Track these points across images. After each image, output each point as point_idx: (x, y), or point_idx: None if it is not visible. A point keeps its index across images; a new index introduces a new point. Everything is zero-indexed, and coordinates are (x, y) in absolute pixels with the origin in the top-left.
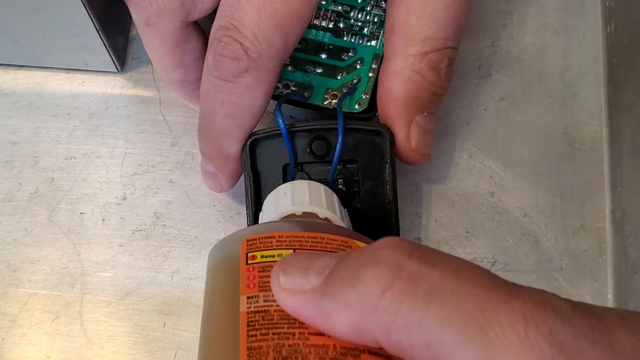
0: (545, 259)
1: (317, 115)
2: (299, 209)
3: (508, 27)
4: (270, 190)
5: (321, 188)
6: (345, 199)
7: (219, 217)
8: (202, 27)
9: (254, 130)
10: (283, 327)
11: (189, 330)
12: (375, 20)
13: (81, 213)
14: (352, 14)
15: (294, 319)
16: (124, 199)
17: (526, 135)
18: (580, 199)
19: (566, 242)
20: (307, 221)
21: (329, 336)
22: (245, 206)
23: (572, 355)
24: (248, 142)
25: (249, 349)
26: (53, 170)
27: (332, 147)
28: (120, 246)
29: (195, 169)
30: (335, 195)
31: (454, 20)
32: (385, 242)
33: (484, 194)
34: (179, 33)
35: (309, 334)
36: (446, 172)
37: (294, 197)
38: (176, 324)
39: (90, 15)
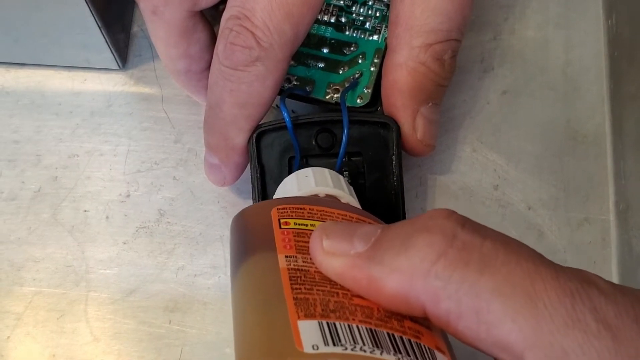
0: (550, 251)
1: (319, 110)
2: (322, 190)
3: (510, 21)
4: (276, 183)
5: (340, 176)
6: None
7: (223, 213)
8: (208, 18)
9: (260, 123)
10: (326, 286)
11: (195, 327)
12: (377, 14)
13: (85, 211)
14: (353, 8)
15: (335, 283)
16: (128, 196)
17: (529, 128)
18: (583, 191)
19: (570, 234)
20: (334, 200)
21: (370, 301)
22: (249, 201)
23: (616, 331)
24: (254, 135)
25: (295, 299)
26: (56, 168)
27: (338, 140)
28: (124, 243)
29: (199, 166)
30: (351, 186)
31: (457, 12)
32: (436, 212)
33: (488, 188)
34: (186, 23)
35: (352, 295)
36: (449, 166)
37: (316, 180)
38: (182, 320)
39: (92, 12)
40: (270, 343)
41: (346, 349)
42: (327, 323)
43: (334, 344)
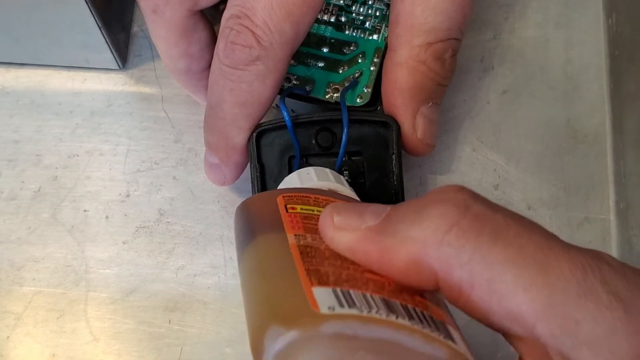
0: None
1: (319, 109)
2: (325, 185)
3: (510, 21)
4: (276, 183)
5: (340, 176)
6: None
7: (223, 213)
8: (208, 18)
9: (259, 122)
10: (337, 262)
11: (195, 326)
12: (377, 14)
13: (85, 211)
14: (353, 7)
15: (346, 258)
16: (128, 196)
17: (529, 128)
18: (584, 191)
19: (571, 234)
20: (337, 193)
21: (382, 276)
22: None
23: (627, 303)
24: (254, 134)
25: (307, 270)
26: (56, 168)
27: (338, 139)
28: (124, 243)
29: (199, 166)
30: (351, 187)
31: (458, 11)
32: (447, 187)
33: (488, 187)
34: (186, 22)
35: (363, 270)
36: (449, 166)
37: (318, 176)
38: (182, 320)
39: (92, 12)
40: (285, 305)
41: (362, 311)
42: (341, 290)
43: (350, 307)
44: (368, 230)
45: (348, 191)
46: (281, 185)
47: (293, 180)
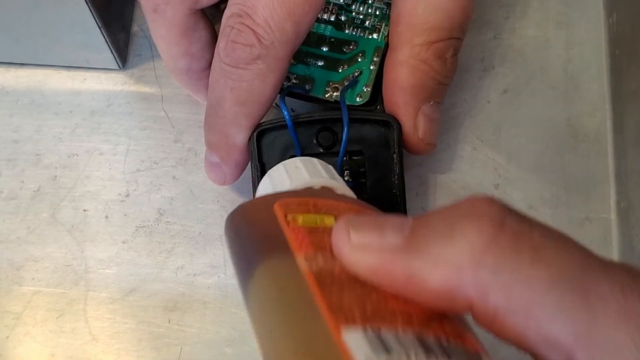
0: None
1: (318, 108)
2: (318, 182)
3: (510, 20)
4: None
5: (329, 166)
6: (352, 191)
7: (223, 212)
8: (209, 17)
9: (260, 122)
10: (356, 287)
11: (194, 326)
12: (377, 13)
13: (84, 210)
14: (353, 6)
15: (364, 283)
16: (127, 195)
17: (530, 127)
18: (585, 190)
19: (571, 233)
20: (331, 193)
21: (406, 302)
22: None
23: None
24: (255, 133)
25: (330, 307)
26: (56, 167)
27: (339, 138)
28: (124, 243)
29: (198, 165)
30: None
31: (459, 11)
32: (476, 198)
33: (489, 187)
34: (187, 21)
35: (386, 296)
36: (450, 165)
37: (308, 171)
38: (181, 319)
39: (92, 12)
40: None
41: (401, 358)
42: (372, 328)
43: (387, 355)
44: (393, 249)
45: (342, 187)
46: (265, 180)
47: (280, 175)
